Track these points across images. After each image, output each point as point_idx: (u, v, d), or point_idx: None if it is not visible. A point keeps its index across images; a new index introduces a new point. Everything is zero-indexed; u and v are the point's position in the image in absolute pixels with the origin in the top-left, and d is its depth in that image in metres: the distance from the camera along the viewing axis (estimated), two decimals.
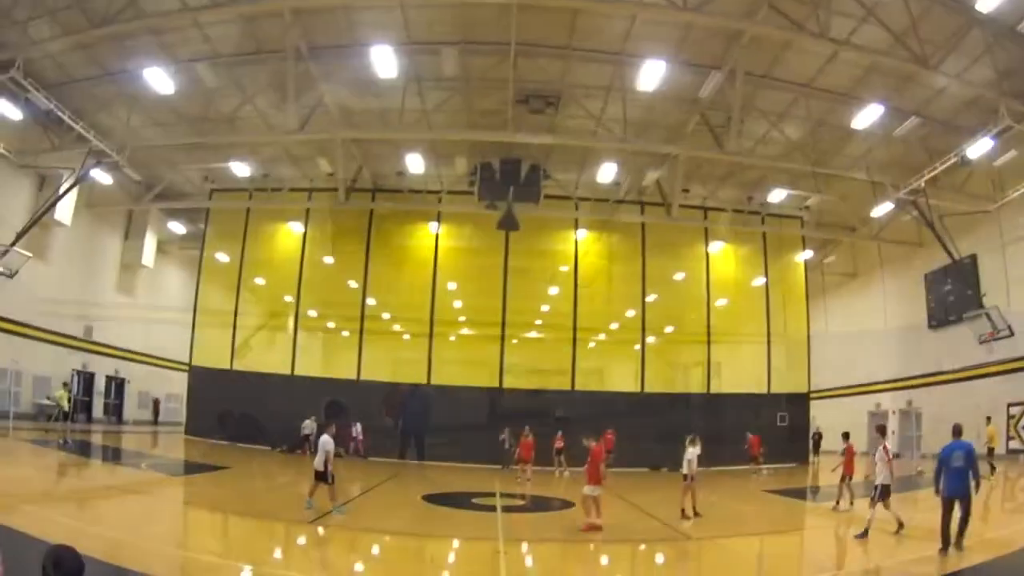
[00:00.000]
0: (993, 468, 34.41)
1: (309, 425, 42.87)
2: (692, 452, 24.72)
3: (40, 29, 32.78)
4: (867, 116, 36.09)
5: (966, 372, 46.66)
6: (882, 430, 22.36)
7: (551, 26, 32.94)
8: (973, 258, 44.70)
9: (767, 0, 29.62)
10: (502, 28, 32.03)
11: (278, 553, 17.92)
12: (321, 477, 22.32)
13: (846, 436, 27.96)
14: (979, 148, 36.74)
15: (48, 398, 44.88)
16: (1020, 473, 36.65)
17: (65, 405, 40.54)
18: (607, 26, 32.86)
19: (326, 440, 22.66)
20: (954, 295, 47.48)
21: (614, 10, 31.37)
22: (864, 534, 19.55)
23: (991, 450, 35.36)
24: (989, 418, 38.93)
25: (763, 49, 33.81)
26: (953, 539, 16.52)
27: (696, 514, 23.97)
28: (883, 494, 20.10)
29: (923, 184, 40.01)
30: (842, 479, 26.91)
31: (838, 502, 26.39)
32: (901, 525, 19.84)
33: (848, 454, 27.27)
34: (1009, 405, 42.01)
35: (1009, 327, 40.37)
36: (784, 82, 36.92)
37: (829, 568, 17.85)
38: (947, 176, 40.95)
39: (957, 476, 16.72)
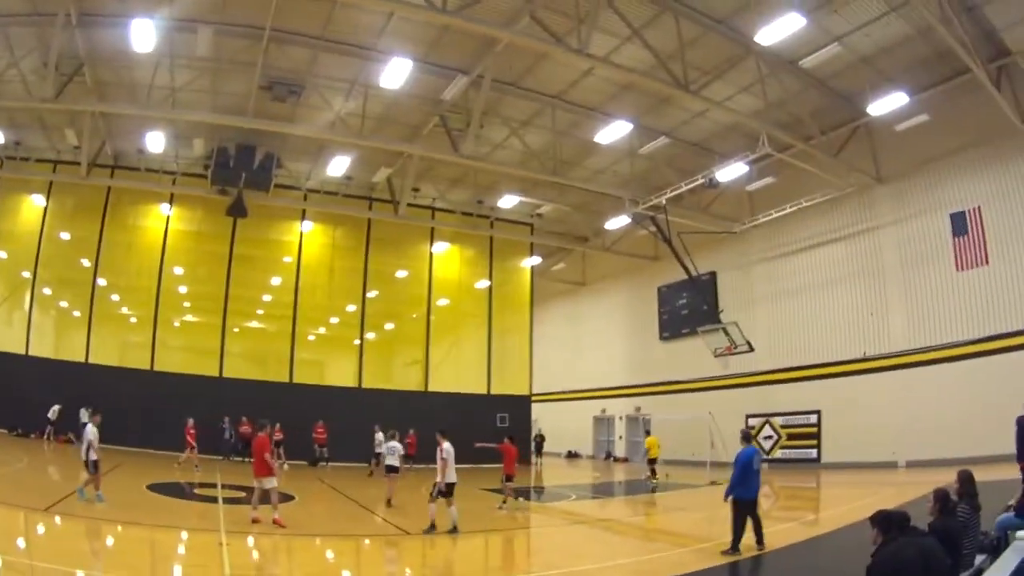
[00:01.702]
0: (654, 473, 36.04)
1: (55, 410, 41.79)
2: (388, 445, 27.55)
3: None
4: (614, 132, 36.73)
5: (699, 383, 48.84)
6: (443, 433, 22.74)
7: (308, 14, 32.58)
8: (713, 275, 46.22)
9: (529, 11, 29.46)
10: (258, 11, 31.55)
11: (13, 541, 16.87)
12: (92, 465, 22.58)
13: (510, 438, 28.87)
14: (731, 172, 38.14)
15: None
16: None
17: None
18: (362, 20, 32.63)
19: (92, 430, 22.92)
20: (689, 309, 49.16)
21: (373, 5, 30.71)
22: (431, 529, 20.58)
23: (652, 459, 36.91)
24: (648, 431, 42.33)
25: (517, 57, 34.11)
26: (756, 539, 17.26)
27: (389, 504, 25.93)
28: (443, 492, 21.30)
29: (664, 201, 40.99)
30: (504, 479, 27.89)
31: (504, 502, 27.40)
32: (433, 527, 20.75)
33: (507, 454, 28.15)
34: (748, 416, 43.72)
35: (748, 343, 41.74)
36: (533, 92, 37.53)
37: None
38: (693, 195, 42.25)
39: (757, 478, 17.46)
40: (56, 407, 41.65)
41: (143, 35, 30.51)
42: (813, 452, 41.53)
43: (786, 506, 29.69)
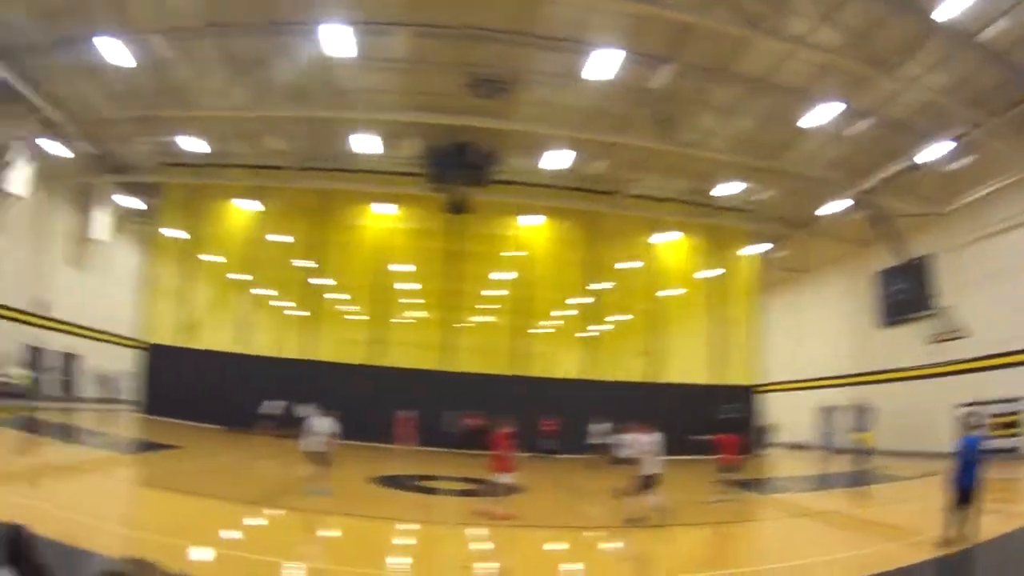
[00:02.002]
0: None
1: (273, 405, 43.39)
2: (621, 437, 29.59)
3: None
4: (819, 114, 35.74)
5: (916, 371, 47.21)
6: (642, 425, 23.13)
7: (507, 10, 32.85)
8: (926, 258, 44.86)
9: None
10: (457, 10, 32.08)
11: (232, 534, 17.57)
12: (320, 459, 23.23)
13: (729, 430, 28.45)
14: (933, 152, 37.20)
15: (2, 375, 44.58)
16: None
17: (25, 382, 39.96)
18: (563, 13, 32.52)
19: (328, 423, 23.86)
20: (905, 294, 47.74)
21: None
22: (636, 521, 20.52)
23: (868, 451, 38.18)
24: (863, 427, 44.09)
25: (717, 43, 33.64)
26: (971, 530, 16.53)
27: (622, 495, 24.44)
28: (645, 484, 21.15)
29: (875, 184, 40.14)
30: (720, 469, 27.58)
31: (723, 494, 26.83)
32: (635, 519, 20.68)
33: (725, 444, 27.90)
34: (963, 405, 41.96)
35: (962, 329, 40.73)
36: (737, 76, 36.80)
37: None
38: (900, 177, 41.19)
39: (977, 468, 16.72)
40: (279, 403, 43.16)
41: (335, 39, 31.19)
42: (1017, 441, 39.99)
43: (998, 497, 28.94)
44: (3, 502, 16.13)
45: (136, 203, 56.79)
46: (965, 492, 16.58)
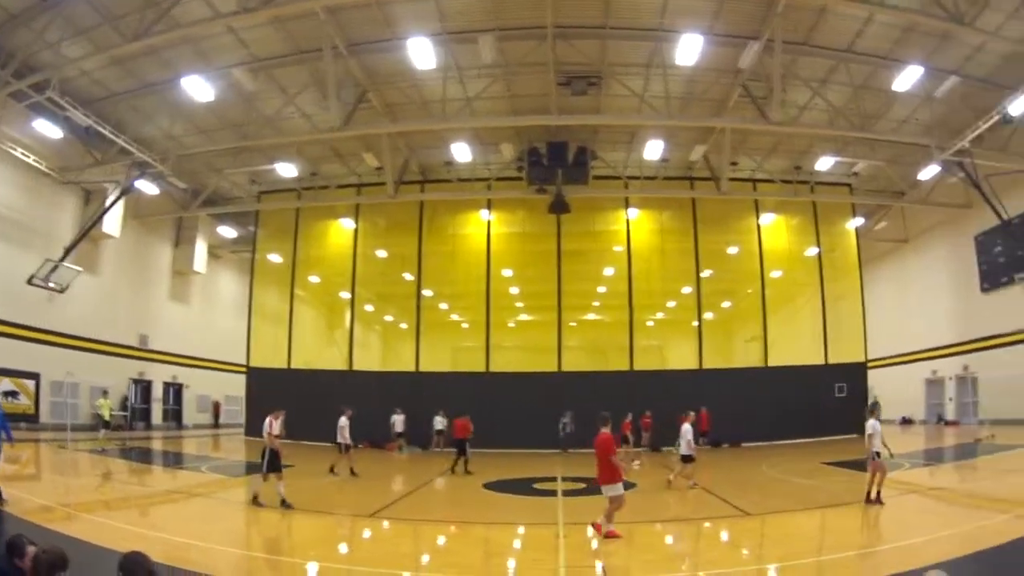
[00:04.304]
0: None
1: (399, 420, 43.58)
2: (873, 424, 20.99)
3: (73, 48, 33.17)
4: (907, 78, 35.48)
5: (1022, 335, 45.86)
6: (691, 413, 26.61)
7: (586, 5, 32.84)
8: (1023, 217, 43.90)
9: None
10: (537, 11, 32.02)
11: (343, 547, 17.71)
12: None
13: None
14: (1020, 105, 35.91)
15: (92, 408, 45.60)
16: None
17: (106, 415, 40.94)
18: (641, 1, 32.57)
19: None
20: (1005, 256, 46.82)
21: None
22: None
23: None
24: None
25: (800, 15, 33.24)
26: None
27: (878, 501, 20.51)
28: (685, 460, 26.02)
29: (967, 144, 39.37)
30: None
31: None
32: (669, 483, 26.17)
33: None
34: None
35: None
36: (823, 48, 36.35)
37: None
38: (991, 135, 40.02)
39: None
40: (399, 418, 43.47)
41: (420, 53, 32.09)
42: None
43: None
44: (117, 530, 16.38)
45: (233, 232, 57.97)
46: None
